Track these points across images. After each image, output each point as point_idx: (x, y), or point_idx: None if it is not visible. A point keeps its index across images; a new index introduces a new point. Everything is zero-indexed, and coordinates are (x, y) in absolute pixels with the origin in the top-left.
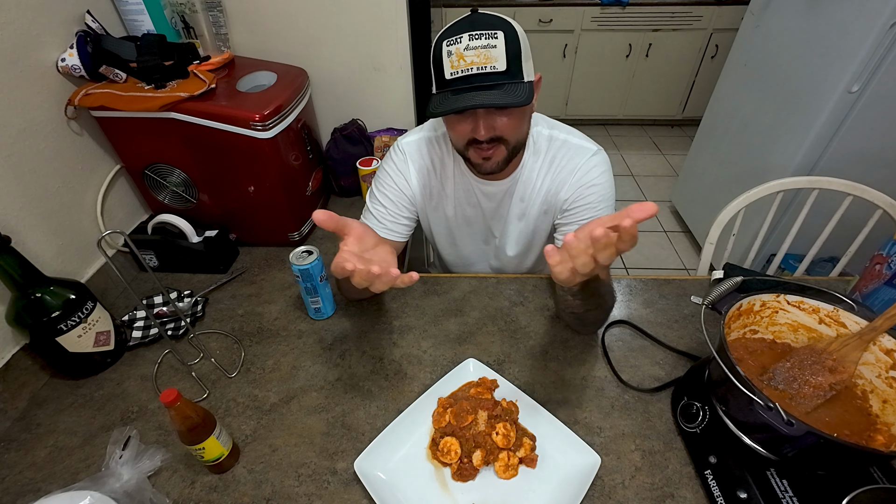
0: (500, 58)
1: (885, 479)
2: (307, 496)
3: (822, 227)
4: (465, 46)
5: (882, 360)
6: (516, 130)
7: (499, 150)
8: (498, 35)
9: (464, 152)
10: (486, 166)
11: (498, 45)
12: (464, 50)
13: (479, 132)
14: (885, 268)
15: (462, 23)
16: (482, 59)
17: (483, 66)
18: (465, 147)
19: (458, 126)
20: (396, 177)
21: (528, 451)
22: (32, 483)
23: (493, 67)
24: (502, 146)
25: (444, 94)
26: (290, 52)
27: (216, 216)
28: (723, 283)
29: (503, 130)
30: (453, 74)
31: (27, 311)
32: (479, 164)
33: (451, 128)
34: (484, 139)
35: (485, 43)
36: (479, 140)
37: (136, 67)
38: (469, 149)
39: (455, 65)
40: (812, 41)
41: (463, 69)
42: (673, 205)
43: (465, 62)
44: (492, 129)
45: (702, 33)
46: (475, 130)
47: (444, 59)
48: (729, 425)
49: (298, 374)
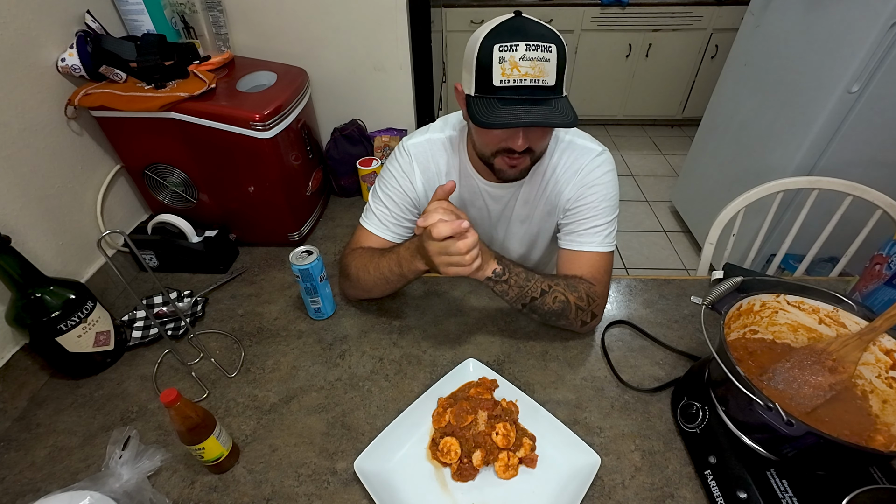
0: (551, 72)
1: (884, 480)
2: (307, 496)
3: (821, 228)
4: (520, 55)
5: (882, 360)
6: (545, 142)
7: (525, 159)
8: (552, 49)
9: (489, 158)
10: (511, 174)
11: (551, 60)
12: (519, 59)
13: (517, 143)
14: (884, 268)
15: (515, 29)
16: (536, 73)
17: (535, 80)
18: (492, 154)
19: (493, 133)
20: (401, 178)
21: (527, 451)
22: (32, 483)
23: (545, 82)
24: (528, 157)
25: (490, 100)
26: (290, 52)
27: (216, 216)
28: (723, 284)
29: (535, 143)
30: (503, 82)
31: (27, 310)
32: (504, 170)
33: (483, 134)
34: (519, 150)
35: (541, 55)
36: (512, 150)
37: (136, 67)
38: (497, 156)
39: (507, 73)
40: (812, 41)
41: (516, 79)
42: (673, 205)
43: (518, 72)
44: (528, 142)
45: (702, 33)
46: (512, 141)
47: (495, 64)
48: (729, 425)
49: (298, 374)
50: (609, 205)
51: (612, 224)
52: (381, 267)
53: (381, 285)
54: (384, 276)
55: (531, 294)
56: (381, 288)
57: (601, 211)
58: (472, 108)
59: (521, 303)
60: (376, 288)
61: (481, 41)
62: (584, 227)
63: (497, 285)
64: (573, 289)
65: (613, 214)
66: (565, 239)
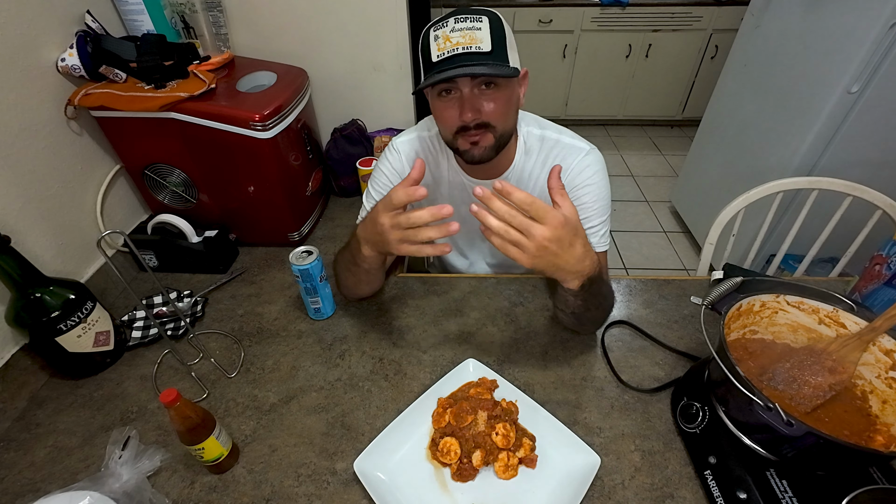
0: (484, 39)
1: (884, 480)
2: (307, 496)
3: (821, 228)
4: (450, 29)
5: (881, 360)
6: (503, 116)
7: (486, 136)
8: (483, 19)
9: (452, 142)
10: (473, 152)
11: (483, 28)
12: (449, 32)
13: (465, 114)
14: (884, 268)
15: (447, 13)
16: (467, 40)
17: (468, 46)
18: (453, 137)
19: (446, 111)
20: (392, 176)
21: (527, 451)
22: (32, 483)
23: (479, 48)
24: (489, 133)
25: (430, 75)
26: (290, 52)
27: (216, 216)
28: (722, 284)
29: (489, 115)
30: (439, 56)
31: (27, 311)
32: (467, 150)
33: (438, 114)
34: (470, 123)
35: (470, 25)
36: (466, 126)
37: (135, 67)
38: (458, 138)
39: (441, 47)
40: (812, 42)
41: (449, 49)
42: (673, 205)
43: (450, 43)
44: (478, 112)
45: (702, 34)
46: (462, 114)
47: (431, 44)
48: (729, 426)
49: (298, 375)
50: (602, 204)
51: (606, 224)
52: (344, 258)
53: (349, 277)
54: (346, 267)
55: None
56: (352, 281)
57: (595, 212)
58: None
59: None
60: (348, 281)
61: (422, 34)
62: None
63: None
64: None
65: (607, 214)
66: None
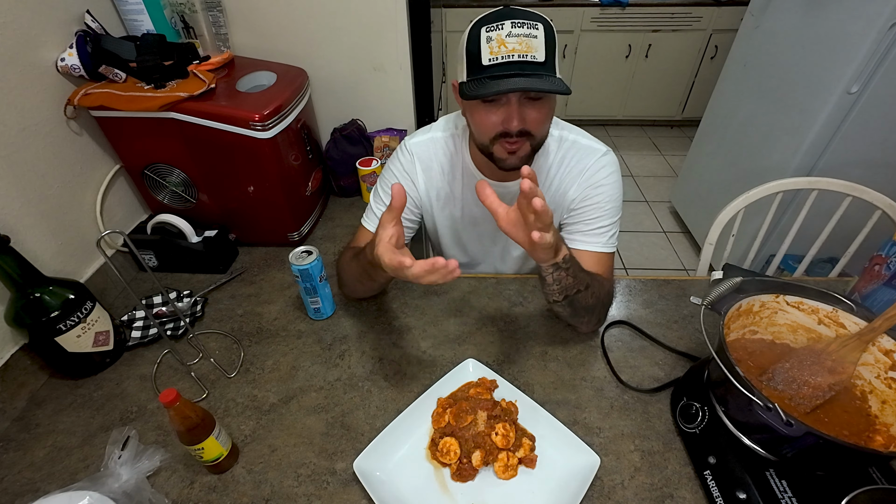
0: (540, 48)
1: (883, 480)
2: (306, 496)
3: (821, 228)
4: (506, 33)
5: (881, 360)
6: (543, 126)
7: (524, 145)
8: (539, 27)
9: (488, 147)
10: (510, 161)
11: (539, 36)
12: (505, 36)
13: (511, 123)
14: (884, 268)
15: (501, 12)
16: (524, 48)
17: (524, 55)
18: (491, 141)
19: (488, 117)
20: (402, 177)
21: (527, 451)
22: (31, 483)
23: (534, 57)
24: (528, 142)
25: (481, 79)
26: (290, 52)
27: (216, 216)
28: (722, 284)
29: (532, 125)
30: (492, 60)
31: (26, 310)
32: (504, 158)
33: (479, 119)
34: (515, 131)
35: (527, 32)
36: (508, 133)
37: (135, 67)
38: (495, 143)
39: (495, 51)
40: (811, 42)
41: (504, 55)
42: (672, 205)
43: (506, 48)
44: (523, 122)
45: (701, 34)
46: (507, 121)
47: (483, 45)
48: (728, 426)
49: (298, 375)
50: (614, 205)
51: (616, 225)
52: (353, 267)
53: (358, 285)
54: (356, 276)
55: (578, 286)
56: (361, 287)
57: (607, 212)
58: (463, 90)
59: (566, 294)
60: (357, 287)
61: (469, 29)
62: (590, 227)
63: (558, 272)
64: (601, 286)
65: (618, 215)
66: (570, 239)
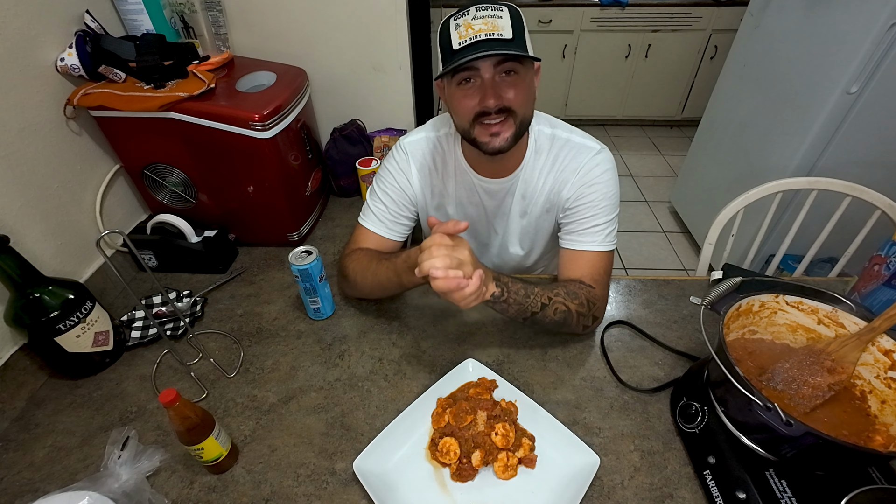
0: (506, 27)
1: (883, 480)
2: (306, 496)
3: (820, 228)
4: (472, 17)
5: (880, 360)
6: (524, 103)
7: (507, 123)
8: (503, 9)
9: (470, 132)
10: (493, 143)
11: (504, 17)
12: (471, 20)
13: (487, 100)
14: (883, 268)
15: (466, 4)
16: (490, 27)
17: (491, 33)
18: (471, 124)
19: (465, 101)
20: (398, 175)
21: (527, 451)
22: (31, 483)
23: (500, 35)
24: (510, 119)
25: (452, 60)
26: (290, 52)
27: (215, 216)
28: (722, 284)
29: (511, 101)
30: (461, 43)
31: (26, 310)
32: (486, 141)
33: (456, 103)
34: (493, 108)
35: (491, 13)
36: (486, 112)
37: (135, 67)
38: (476, 126)
39: (463, 34)
40: (811, 42)
41: (471, 36)
42: (672, 205)
43: (472, 30)
44: (500, 98)
45: (701, 34)
46: (483, 99)
47: (452, 32)
48: (728, 426)
49: (297, 375)
50: (609, 203)
51: (613, 223)
52: (379, 275)
53: (378, 291)
54: (381, 284)
55: (531, 309)
56: (379, 293)
57: (601, 210)
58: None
59: (522, 317)
60: (374, 293)
61: (440, 25)
62: (585, 226)
63: (496, 305)
64: (573, 296)
65: (614, 213)
66: (566, 238)
